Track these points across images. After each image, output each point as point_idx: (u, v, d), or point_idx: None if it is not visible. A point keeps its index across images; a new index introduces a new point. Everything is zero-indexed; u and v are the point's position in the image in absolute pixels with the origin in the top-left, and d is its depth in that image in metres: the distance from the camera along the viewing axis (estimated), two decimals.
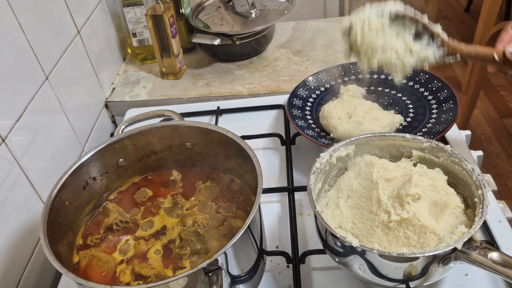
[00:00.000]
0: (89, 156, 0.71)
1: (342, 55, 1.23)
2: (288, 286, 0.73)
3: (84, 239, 0.70)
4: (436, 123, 0.91)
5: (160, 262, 0.65)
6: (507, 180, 2.17)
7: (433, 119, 0.92)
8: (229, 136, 0.71)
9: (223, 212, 0.71)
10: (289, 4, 1.28)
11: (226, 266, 0.57)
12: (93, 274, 0.65)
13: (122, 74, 1.28)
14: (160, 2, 1.12)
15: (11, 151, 0.75)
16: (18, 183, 0.77)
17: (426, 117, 0.94)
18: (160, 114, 0.86)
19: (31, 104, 0.82)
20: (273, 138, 1.00)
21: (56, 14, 0.94)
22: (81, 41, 1.05)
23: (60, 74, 0.93)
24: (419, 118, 0.95)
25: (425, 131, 0.90)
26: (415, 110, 0.97)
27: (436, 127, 0.90)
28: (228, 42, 1.20)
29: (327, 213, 0.70)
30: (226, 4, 1.33)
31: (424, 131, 0.90)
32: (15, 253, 0.76)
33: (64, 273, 0.55)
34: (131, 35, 1.24)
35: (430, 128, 0.90)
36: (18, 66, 0.80)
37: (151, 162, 0.78)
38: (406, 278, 0.61)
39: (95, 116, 1.11)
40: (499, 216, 0.78)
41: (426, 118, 0.94)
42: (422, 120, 0.94)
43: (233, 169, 0.75)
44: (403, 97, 1.01)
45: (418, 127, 0.92)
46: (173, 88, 1.20)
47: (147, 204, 0.75)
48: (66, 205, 0.68)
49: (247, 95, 1.16)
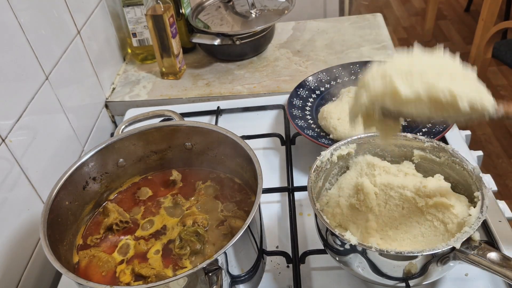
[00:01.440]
0: (89, 156, 0.71)
1: (342, 55, 1.24)
2: (288, 286, 0.73)
3: (84, 239, 0.70)
4: (436, 123, 0.91)
5: (160, 262, 0.65)
6: (507, 180, 2.17)
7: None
8: (229, 136, 0.71)
9: (223, 212, 0.71)
10: (289, 4, 1.28)
11: (226, 266, 0.57)
12: (93, 274, 0.65)
13: (122, 74, 1.28)
14: (160, 2, 1.12)
15: (11, 151, 0.75)
16: (18, 183, 0.77)
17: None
18: (160, 114, 0.86)
19: (31, 104, 0.82)
20: (273, 138, 1.00)
21: (56, 14, 0.94)
22: (81, 41, 1.05)
23: (60, 74, 0.93)
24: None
25: (425, 131, 0.90)
26: None
27: (436, 127, 0.89)
28: (228, 42, 1.20)
29: (327, 211, 0.70)
30: (226, 4, 1.33)
31: (424, 131, 0.90)
32: (15, 253, 0.76)
33: (64, 273, 0.55)
34: (131, 35, 1.24)
35: (430, 128, 0.90)
36: (18, 66, 0.80)
37: (151, 162, 0.78)
38: (405, 276, 0.61)
39: (95, 116, 1.11)
40: (499, 216, 0.78)
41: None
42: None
43: (233, 169, 0.75)
44: None
45: (418, 127, 0.92)
46: (173, 88, 1.20)
47: (147, 204, 0.75)
48: (66, 205, 0.68)
49: (247, 95, 1.16)
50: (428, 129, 0.90)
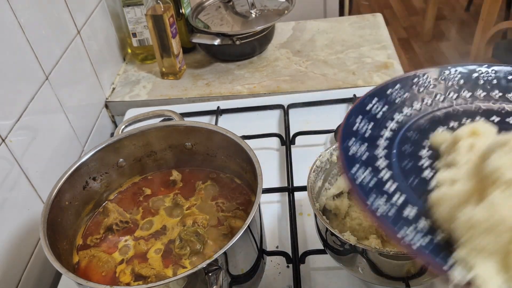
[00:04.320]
0: (89, 156, 0.71)
1: (342, 55, 1.24)
2: (288, 286, 0.73)
3: (84, 239, 0.70)
4: None
5: (160, 262, 0.65)
6: None
7: None
8: (229, 136, 0.71)
9: (223, 212, 0.71)
10: (289, 4, 1.28)
11: (226, 266, 0.57)
12: (93, 274, 0.65)
13: (122, 74, 1.28)
14: (160, 2, 1.12)
15: (11, 151, 0.75)
16: (18, 183, 0.77)
17: None
18: (160, 114, 0.86)
19: (31, 104, 0.82)
20: (273, 138, 1.00)
21: (56, 14, 0.94)
22: (81, 41, 1.05)
23: (60, 74, 0.93)
24: None
25: None
26: None
27: None
28: (228, 42, 1.20)
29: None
30: (226, 4, 1.33)
31: None
32: (15, 253, 0.76)
33: (64, 273, 0.55)
34: (131, 35, 1.24)
35: None
36: (18, 66, 0.80)
37: (151, 162, 0.78)
38: (405, 276, 0.61)
39: (95, 116, 1.11)
40: None
41: None
42: None
43: (233, 169, 0.75)
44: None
45: None
46: (173, 88, 1.21)
47: (147, 204, 0.75)
48: (66, 205, 0.68)
49: (247, 95, 1.16)
50: None
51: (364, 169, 0.46)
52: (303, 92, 1.12)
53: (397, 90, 0.55)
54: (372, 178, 0.46)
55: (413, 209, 0.43)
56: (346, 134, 0.50)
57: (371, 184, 0.45)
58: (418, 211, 0.43)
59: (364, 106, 0.53)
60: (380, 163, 0.48)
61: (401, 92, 0.55)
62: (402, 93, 0.55)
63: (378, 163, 0.48)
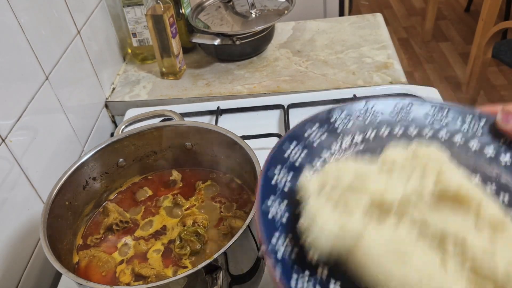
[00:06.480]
0: (89, 156, 0.71)
1: (342, 55, 1.24)
2: None
3: (84, 239, 0.70)
4: None
5: (160, 262, 0.65)
6: None
7: None
8: (229, 136, 0.71)
9: (223, 212, 0.71)
10: (289, 4, 1.28)
11: (226, 266, 0.57)
12: (93, 274, 0.65)
13: (122, 74, 1.28)
14: (160, 2, 1.12)
15: (11, 151, 0.75)
16: (18, 183, 0.77)
17: None
18: (160, 114, 0.86)
19: (31, 104, 0.82)
20: (273, 138, 1.00)
21: (56, 14, 0.94)
22: (81, 41, 1.05)
23: (60, 74, 0.93)
24: None
25: None
26: None
27: None
28: (228, 42, 1.20)
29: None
30: (226, 4, 1.33)
31: None
32: (15, 253, 0.76)
33: (64, 273, 0.55)
34: (131, 35, 1.24)
35: None
36: (18, 66, 0.80)
37: (151, 162, 0.78)
38: None
39: (95, 116, 1.11)
40: None
41: None
42: None
43: (233, 169, 0.75)
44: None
45: None
46: (173, 88, 1.20)
47: (147, 204, 0.75)
48: (66, 205, 0.68)
49: (247, 95, 1.16)
50: None
51: (285, 238, 0.38)
52: (303, 92, 1.12)
53: (315, 131, 0.48)
54: (292, 249, 0.37)
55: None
56: (265, 193, 0.42)
57: (292, 257, 0.37)
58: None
59: (282, 153, 0.44)
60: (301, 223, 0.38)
61: (319, 134, 0.48)
62: (320, 135, 0.48)
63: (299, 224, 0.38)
